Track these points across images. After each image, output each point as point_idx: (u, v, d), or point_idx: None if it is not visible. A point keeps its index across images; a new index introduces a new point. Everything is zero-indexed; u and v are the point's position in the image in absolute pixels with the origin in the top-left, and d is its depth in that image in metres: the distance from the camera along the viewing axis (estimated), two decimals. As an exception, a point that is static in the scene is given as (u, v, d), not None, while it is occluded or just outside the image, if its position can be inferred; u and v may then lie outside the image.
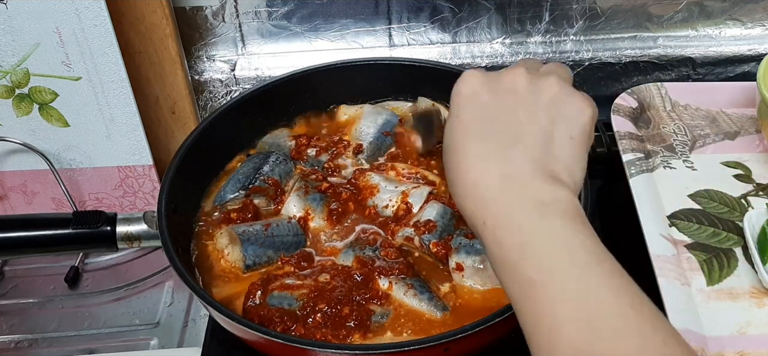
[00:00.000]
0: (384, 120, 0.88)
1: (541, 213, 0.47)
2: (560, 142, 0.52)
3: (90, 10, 0.79)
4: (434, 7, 1.03)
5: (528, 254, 0.46)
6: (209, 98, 1.06)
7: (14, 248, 0.72)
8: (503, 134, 0.51)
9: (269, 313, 0.67)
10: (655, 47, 1.09)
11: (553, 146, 0.51)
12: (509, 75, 0.54)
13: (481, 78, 0.54)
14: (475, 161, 0.51)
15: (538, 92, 0.53)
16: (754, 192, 0.87)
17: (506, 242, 0.47)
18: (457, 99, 0.54)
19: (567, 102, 0.53)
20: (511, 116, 0.52)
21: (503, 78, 0.54)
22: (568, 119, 0.53)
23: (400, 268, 0.71)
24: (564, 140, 0.52)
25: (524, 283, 0.46)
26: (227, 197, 0.80)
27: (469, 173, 0.50)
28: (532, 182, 0.49)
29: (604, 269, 0.46)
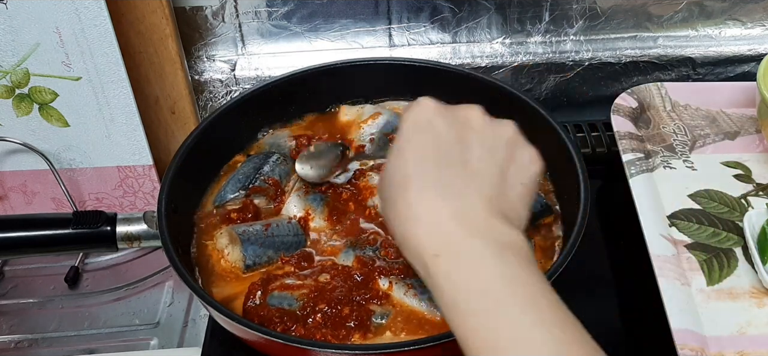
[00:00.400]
0: (385, 121, 0.88)
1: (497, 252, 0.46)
2: (512, 186, 0.52)
3: (90, 10, 0.79)
4: (434, 7, 1.03)
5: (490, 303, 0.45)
6: (209, 98, 1.06)
7: (14, 248, 0.72)
8: (459, 167, 0.50)
9: (269, 313, 0.67)
10: (655, 47, 1.09)
11: (506, 188, 0.51)
12: (465, 110, 0.54)
13: (437, 107, 0.53)
14: (429, 189, 0.49)
15: (496, 132, 0.53)
16: (754, 192, 0.87)
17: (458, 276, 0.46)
18: (411, 125, 0.53)
19: (522, 148, 0.54)
20: (467, 150, 0.51)
21: (459, 111, 0.54)
22: (522, 165, 0.53)
23: (400, 268, 0.71)
24: (516, 184, 0.52)
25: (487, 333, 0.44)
26: (227, 197, 0.80)
27: (418, 202, 0.49)
28: (489, 221, 0.48)
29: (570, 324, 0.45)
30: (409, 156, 0.51)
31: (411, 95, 0.92)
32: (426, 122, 0.52)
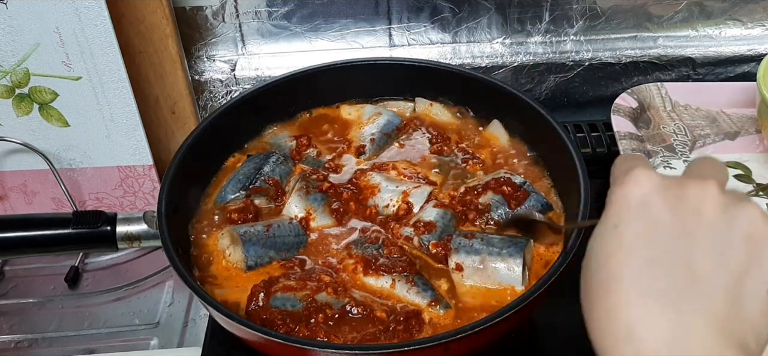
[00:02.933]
0: (386, 120, 0.88)
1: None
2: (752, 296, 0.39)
3: (90, 10, 0.79)
4: (434, 7, 1.03)
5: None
6: (209, 98, 1.06)
7: (14, 248, 0.72)
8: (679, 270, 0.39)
9: (272, 315, 0.67)
10: (655, 47, 1.09)
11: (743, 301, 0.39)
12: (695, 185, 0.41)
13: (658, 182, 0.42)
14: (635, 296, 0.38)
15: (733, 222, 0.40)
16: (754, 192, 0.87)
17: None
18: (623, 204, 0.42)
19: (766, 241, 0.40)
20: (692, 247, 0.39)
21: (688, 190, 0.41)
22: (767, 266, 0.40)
23: (403, 265, 0.71)
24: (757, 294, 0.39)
25: None
26: (228, 198, 0.80)
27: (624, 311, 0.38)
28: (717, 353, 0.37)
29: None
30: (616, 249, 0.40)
31: (411, 95, 0.93)
32: (642, 203, 0.41)
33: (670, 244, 0.40)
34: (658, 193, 0.41)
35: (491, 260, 0.70)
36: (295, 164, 0.84)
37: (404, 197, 0.78)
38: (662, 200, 0.41)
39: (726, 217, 0.40)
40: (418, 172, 0.83)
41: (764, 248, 0.40)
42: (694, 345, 0.37)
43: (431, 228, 0.74)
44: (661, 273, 0.39)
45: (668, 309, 0.38)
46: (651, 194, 0.41)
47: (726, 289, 0.39)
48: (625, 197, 0.42)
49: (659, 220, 0.40)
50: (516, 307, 0.62)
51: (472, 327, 0.61)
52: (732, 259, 0.39)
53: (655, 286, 0.38)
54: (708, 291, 0.38)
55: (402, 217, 0.77)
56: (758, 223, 0.40)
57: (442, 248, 0.73)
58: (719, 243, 0.40)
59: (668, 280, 0.38)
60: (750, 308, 0.39)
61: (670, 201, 0.41)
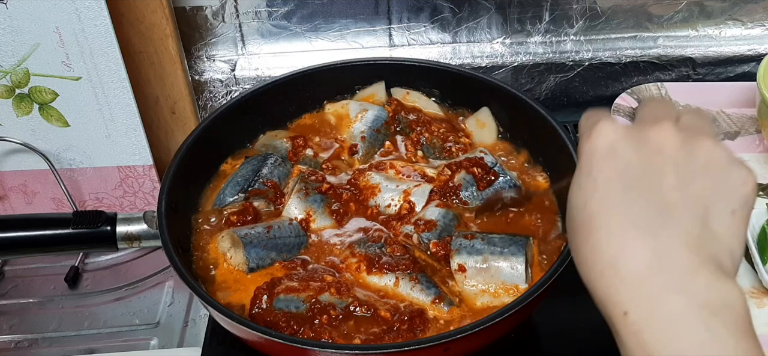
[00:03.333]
0: (374, 116, 0.88)
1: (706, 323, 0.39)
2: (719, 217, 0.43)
3: (90, 10, 0.79)
4: (434, 7, 1.03)
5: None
6: (209, 98, 1.06)
7: (14, 248, 0.72)
8: (651, 202, 0.42)
9: (276, 318, 0.67)
10: (655, 47, 1.09)
11: (712, 222, 0.43)
12: (654, 129, 0.45)
13: (620, 130, 0.45)
14: (616, 234, 0.42)
15: (694, 153, 0.44)
16: (754, 192, 0.87)
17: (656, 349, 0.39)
18: (592, 155, 0.45)
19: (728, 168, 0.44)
20: (660, 180, 0.43)
21: (647, 133, 0.45)
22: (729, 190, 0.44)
23: (406, 264, 0.71)
24: (724, 215, 0.43)
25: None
26: (226, 200, 0.80)
27: (608, 249, 0.42)
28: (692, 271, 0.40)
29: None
30: (593, 191, 0.44)
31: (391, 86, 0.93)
32: (610, 150, 0.45)
33: (640, 181, 0.43)
34: (623, 140, 0.45)
35: (494, 260, 0.70)
36: (292, 166, 0.84)
37: (405, 196, 0.78)
38: (627, 145, 0.45)
39: (685, 151, 0.44)
40: (415, 169, 0.83)
41: (722, 174, 0.44)
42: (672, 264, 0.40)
43: (431, 226, 0.75)
44: (635, 207, 0.42)
45: (646, 236, 0.41)
46: (617, 142, 0.45)
47: (695, 214, 0.42)
48: (595, 148, 0.45)
49: (627, 162, 0.44)
50: (516, 307, 0.62)
51: (472, 327, 0.61)
52: (696, 187, 0.43)
53: (631, 219, 0.42)
54: (679, 217, 0.42)
55: (404, 216, 0.77)
56: (714, 153, 0.44)
57: (442, 248, 0.73)
58: (683, 175, 0.43)
59: (642, 212, 0.42)
60: (719, 229, 0.43)
61: (634, 145, 0.45)
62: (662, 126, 0.45)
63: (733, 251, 0.43)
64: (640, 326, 0.40)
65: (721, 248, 0.42)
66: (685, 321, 0.39)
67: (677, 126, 0.46)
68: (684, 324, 0.39)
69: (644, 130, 0.45)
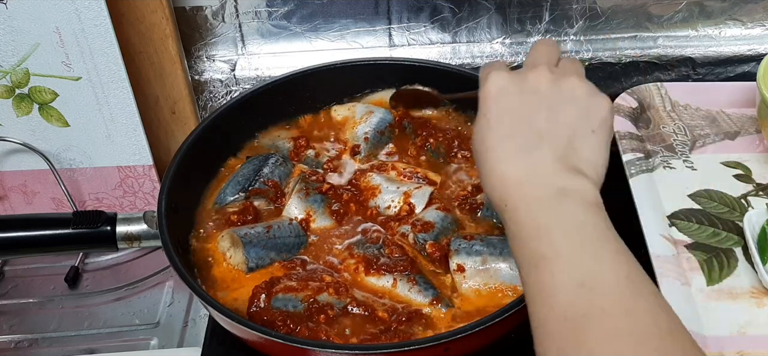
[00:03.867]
0: (378, 119, 0.88)
1: (559, 200, 0.51)
2: (582, 137, 0.55)
3: (90, 10, 0.79)
4: (434, 7, 1.03)
5: (542, 233, 0.50)
6: (209, 98, 1.06)
7: (14, 248, 0.72)
8: (528, 132, 0.54)
9: (273, 316, 0.67)
10: (655, 47, 1.09)
11: (576, 142, 0.54)
12: (532, 74, 0.57)
13: (507, 78, 0.57)
14: (502, 157, 0.54)
15: (560, 91, 0.56)
16: (754, 192, 0.87)
17: (523, 222, 0.51)
18: (485, 99, 0.57)
19: (587, 98, 0.56)
20: (536, 115, 0.55)
21: (527, 77, 0.57)
22: (589, 115, 0.56)
23: (404, 265, 0.71)
24: (586, 135, 0.55)
25: (535, 256, 0.50)
26: (227, 199, 0.80)
27: (497, 167, 0.54)
28: (555, 173, 0.53)
29: (610, 246, 0.49)
30: (487, 130, 0.56)
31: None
32: (497, 95, 0.57)
33: (521, 117, 0.55)
34: (509, 85, 0.57)
35: (493, 261, 0.70)
36: (294, 166, 0.84)
37: (406, 198, 0.78)
38: (511, 89, 0.56)
39: (556, 88, 0.56)
40: (417, 171, 0.82)
41: (583, 102, 0.56)
42: (541, 171, 0.53)
43: (429, 228, 0.74)
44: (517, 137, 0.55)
45: (524, 155, 0.54)
46: (503, 87, 0.57)
47: (561, 136, 0.54)
48: (488, 93, 0.57)
49: (510, 103, 0.56)
50: (516, 307, 0.62)
51: (472, 327, 0.61)
52: (563, 114, 0.55)
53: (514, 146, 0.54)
54: (549, 140, 0.54)
55: (403, 218, 0.77)
56: (577, 86, 0.56)
57: (438, 250, 0.73)
58: (554, 106, 0.55)
59: (521, 140, 0.54)
60: (582, 146, 0.54)
61: (516, 88, 0.57)
62: (539, 70, 0.57)
63: (594, 163, 0.55)
64: (515, 209, 0.52)
65: (583, 160, 0.54)
66: (545, 201, 0.51)
67: (551, 69, 0.57)
68: (545, 202, 0.51)
69: (525, 74, 0.57)
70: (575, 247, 0.49)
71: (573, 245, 0.49)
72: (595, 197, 0.52)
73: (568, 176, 0.53)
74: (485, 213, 0.77)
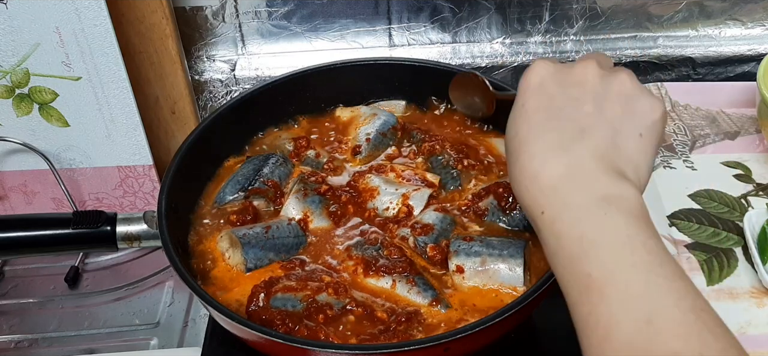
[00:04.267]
0: (382, 121, 0.88)
1: (604, 209, 0.46)
2: (628, 137, 0.51)
3: (90, 10, 0.79)
4: (434, 7, 1.03)
5: (588, 249, 0.46)
6: (209, 98, 1.06)
7: (14, 248, 0.72)
8: (569, 126, 0.50)
9: (272, 316, 0.67)
10: (655, 47, 1.09)
11: (620, 141, 0.50)
12: (579, 67, 0.53)
13: (551, 68, 0.53)
14: (538, 151, 0.50)
15: (608, 86, 0.52)
16: (754, 192, 0.87)
17: (565, 234, 0.47)
18: (525, 89, 0.53)
19: (638, 98, 0.52)
20: (578, 109, 0.51)
21: (573, 70, 0.53)
22: (638, 115, 0.51)
23: (403, 266, 0.71)
24: (632, 136, 0.51)
25: (582, 277, 0.46)
26: (227, 199, 0.80)
27: (531, 163, 0.50)
28: (596, 176, 0.48)
29: (666, 271, 0.45)
30: (523, 121, 0.52)
31: (411, 95, 0.93)
32: (538, 85, 0.53)
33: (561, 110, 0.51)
34: (552, 76, 0.53)
35: (492, 262, 0.70)
36: (294, 166, 0.84)
37: (404, 199, 0.78)
38: (554, 81, 0.52)
39: (603, 83, 0.52)
40: (416, 174, 0.82)
41: (633, 101, 0.52)
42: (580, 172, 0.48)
43: (428, 230, 0.74)
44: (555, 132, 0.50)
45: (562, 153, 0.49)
46: (546, 78, 0.53)
47: (605, 134, 0.50)
48: (528, 83, 0.53)
49: (552, 94, 0.52)
50: (516, 307, 0.62)
51: (472, 327, 0.61)
52: (609, 111, 0.51)
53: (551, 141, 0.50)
54: (591, 136, 0.50)
55: (401, 219, 0.77)
56: (627, 83, 0.52)
57: (439, 252, 0.73)
58: (599, 101, 0.51)
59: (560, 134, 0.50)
60: (626, 147, 0.50)
61: (559, 80, 0.53)
62: (587, 63, 0.53)
63: (637, 165, 0.50)
64: (553, 218, 0.48)
65: (626, 162, 0.50)
66: (587, 209, 0.47)
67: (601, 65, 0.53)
68: (586, 211, 0.47)
69: (572, 67, 0.53)
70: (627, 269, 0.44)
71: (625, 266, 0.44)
72: (640, 207, 0.48)
73: (611, 179, 0.48)
74: (491, 219, 0.77)
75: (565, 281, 0.47)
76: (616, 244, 0.45)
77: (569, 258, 0.47)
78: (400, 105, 0.92)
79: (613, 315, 0.43)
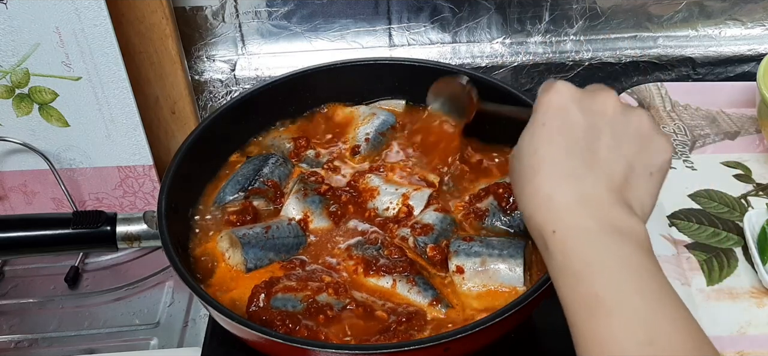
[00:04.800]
0: (381, 120, 0.88)
1: (615, 238, 0.48)
2: (639, 175, 0.52)
3: (90, 10, 0.79)
4: (434, 7, 1.03)
5: (597, 271, 0.47)
6: (209, 98, 1.06)
7: (14, 248, 0.72)
8: (587, 154, 0.52)
9: (272, 316, 0.67)
10: (655, 47, 1.09)
11: (632, 178, 0.52)
12: (601, 96, 0.54)
13: (573, 92, 0.54)
14: (556, 174, 0.51)
15: (628, 121, 0.53)
16: (754, 192, 0.87)
17: (575, 254, 0.48)
18: (547, 108, 0.54)
19: (652, 138, 0.54)
20: (597, 138, 0.52)
21: (595, 98, 0.54)
22: (651, 155, 0.53)
23: (404, 266, 0.71)
24: (643, 175, 0.53)
25: (588, 296, 0.47)
26: (226, 199, 0.80)
27: (547, 184, 0.51)
28: (609, 206, 0.50)
29: (671, 301, 0.47)
30: (542, 141, 0.53)
31: (410, 95, 0.93)
32: (560, 108, 0.53)
33: (581, 137, 0.52)
34: (574, 100, 0.53)
35: (492, 262, 0.70)
36: (294, 166, 0.84)
37: (404, 199, 0.78)
38: (577, 105, 0.53)
39: (623, 117, 0.53)
40: (416, 173, 0.82)
41: (648, 141, 0.53)
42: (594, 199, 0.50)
43: (428, 230, 0.74)
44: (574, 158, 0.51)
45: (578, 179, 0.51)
46: (569, 101, 0.53)
47: (621, 170, 0.52)
48: (550, 102, 0.53)
49: (575, 120, 0.52)
50: (516, 307, 0.62)
51: (472, 327, 0.61)
52: (626, 148, 0.52)
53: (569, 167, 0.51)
54: (607, 168, 0.51)
55: (401, 219, 0.77)
56: (645, 123, 0.54)
57: (439, 253, 0.73)
58: (617, 135, 0.53)
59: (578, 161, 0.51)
60: (637, 184, 0.52)
61: (582, 106, 0.53)
62: (608, 93, 0.54)
63: (644, 204, 0.53)
64: (564, 239, 0.49)
65: (635, 198, 0.52)
66: (598, 235, 0.48)
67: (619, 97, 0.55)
68: (597, 236, 0.48)
69: (594, 94, 0.54)
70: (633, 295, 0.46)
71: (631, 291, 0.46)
72: (647, 242, 0.50)
73: (622, 212, 0.50)
74: (492, 221, 0.77)
75: (568, 299, 0.49)
76: (625, 270, 0.47)
77: (576, 277, 0.48)
78: (400, 105, 0.92)
79: (617, 333, 0.45)
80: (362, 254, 0.73)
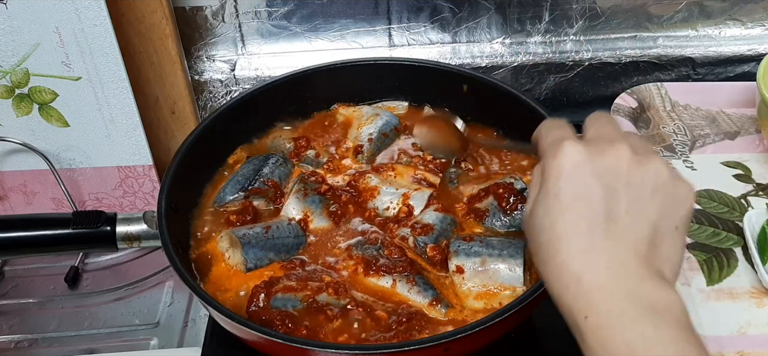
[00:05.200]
0: (384, 121, 0.88)
1: (652, 319, 0.46)
2: (665, 234, 0.50)
3: (90, 10, 0.79)
4: (434, 7, 1.03)
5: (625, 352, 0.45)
6: (209, 98, 1.06)
7: (14, 248, 0.72)
8: (608, 223, 0.48)
9: (272, 316, 0.67)
10: (655, 47, 1.09)
11: (658, 239, 0.49)
12: (612, 151, 0.50)
13: (583, 154, 0.50)
14: (578, 250, 0.48)
15: (644, 174, 0.50)
16: (754, 192, 0.87)
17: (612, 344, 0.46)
18: (557, 175, 0.50)
19: (673, 186, 0.51)
20: (616, 203, 0.49)
21: (606, 155, 0.50)
22: (674, 207, 0.50)
23: (404, 266, 0.71)
24: (668, 232, 0.50)
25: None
26: (227, 199, 0.80)
27: (573, 263, 0.48)
28: (640, 279, 0.47)
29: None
30: (558, 213, 0.49)
31: (410, 95, 0.93)
32: (571, 174, 0.50)
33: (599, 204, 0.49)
34: (585, 163, 0.50)
35: (492, 262, 0.70)
36: (294, 166, 0.84)
37: (405, 199, 0.78)
38: (589, 169, 0.50)
39: (639, 171, 0.50)
40: (416, 174, 0.82)
41: (670, 192, 0.50)
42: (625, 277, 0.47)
43: (428, 230, 0.74)
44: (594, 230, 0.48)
45: (604, 254, 0.48)
46: (580, 164, 0.50)
47: (645, 232, 0.49)
48: (560, 168, 0.50)
49: (589, 186, 0.49)
50: (516, 307, 0.62)
51: (472, 327, 0.61)
52: (647, 206, 0.49)
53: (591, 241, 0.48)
54: (631, 235, 0.48)
55: (402, 219, 0.77)
56: (663, 174, 0.50)
57: (439, 253, 0.73)
58: (637, 196, 0.49)
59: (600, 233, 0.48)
60: (663, 244, 0.49)
61: (595, 168, 0.50)
62: (619, 147, 0.50)
63: (674, 262, 0.50)
64: (599, 326, 0.46)
65: (664, 261, 0.49)
66: (634, 319, 0.46)
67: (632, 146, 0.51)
68: (633, 321, 0.45)
69: (603, 149, 0.51)
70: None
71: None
72: (685, 315, 0.47)
73: (655, 284, 0.47)
74: (492, 221, 0.77)
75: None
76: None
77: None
78: (402, 106, 0.92)
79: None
80: (362, 254, 0.73)
